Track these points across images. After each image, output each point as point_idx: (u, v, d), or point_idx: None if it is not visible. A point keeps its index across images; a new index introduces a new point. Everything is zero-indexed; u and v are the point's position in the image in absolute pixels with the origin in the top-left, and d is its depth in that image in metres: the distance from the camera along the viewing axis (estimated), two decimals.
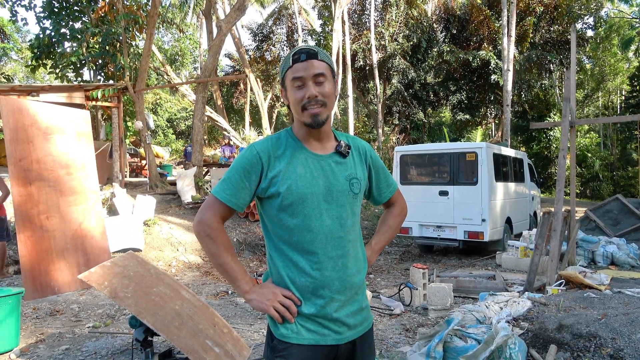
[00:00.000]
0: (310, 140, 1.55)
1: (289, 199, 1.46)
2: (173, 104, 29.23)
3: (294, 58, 1.48)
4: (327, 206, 1.50)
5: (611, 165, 27.35)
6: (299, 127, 1.56)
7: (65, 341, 4.21)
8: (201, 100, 11.71)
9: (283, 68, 1.53)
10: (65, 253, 6.13)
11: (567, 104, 5.81)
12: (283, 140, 1.55)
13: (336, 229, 1.50)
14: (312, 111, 1.47)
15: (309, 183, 1.48)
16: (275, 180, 1.47)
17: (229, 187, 1.49)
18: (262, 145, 1.51)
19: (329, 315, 1.48)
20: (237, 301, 5.77)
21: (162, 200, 10.72)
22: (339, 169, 1.55)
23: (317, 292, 1.47)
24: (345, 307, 1.51)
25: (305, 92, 1.47)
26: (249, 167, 1.48)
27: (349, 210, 1.54)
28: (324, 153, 1.55)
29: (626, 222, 9.76)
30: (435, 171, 8.78)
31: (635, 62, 31.17)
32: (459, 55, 19.74)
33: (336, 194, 1.51)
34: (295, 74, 1.48)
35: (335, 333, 1.49)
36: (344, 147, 1.57)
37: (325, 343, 1.47)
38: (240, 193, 1.49)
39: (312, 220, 1.47)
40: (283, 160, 1.49)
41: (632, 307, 3.70)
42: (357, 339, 1.55)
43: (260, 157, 1.48)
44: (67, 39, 13.74)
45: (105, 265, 3.57)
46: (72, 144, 6.57)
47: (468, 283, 5.91)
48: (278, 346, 1.47)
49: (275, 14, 26.43)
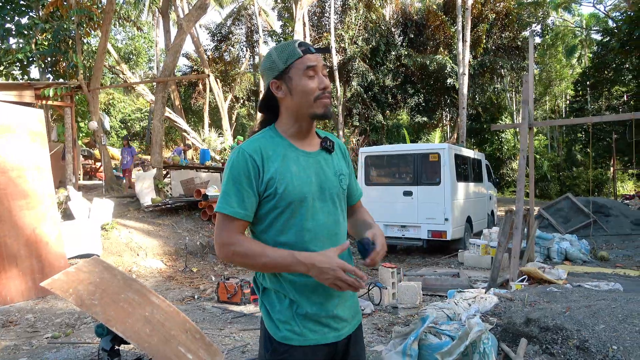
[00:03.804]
0: (298, 138, 1.51)
1: (287, 199, 1.42)
2: (127, 105, 28.26)
3: (303, 49, 1.45)
4: (321, 204, 1.47)
5: (558, 166, 28.81)
6: (291, 123, 1.50)
7: (23, 353, 3.96)
8: (161, 101, 11.38)
9: (287, 58, 1.45)
10: (17, 260, 5.77)
11: (525, 107, 6.05)
12: (270, 140, 1.49)
13: (331, 226, 1.49)
14: (325, 101, 1.46)
15: (304, 182, 1.45)
16: (272, 182, 1.42)
17: (234, 200, 1.41)
18: (252, 147, 1.45)
19: (330, 313, 1.46)
20: (205, 306, 5.63)
21: (119, 203, 10.31)
22: (328, 166, 1.53)
23: (318, 291, 1.44)
24: (343, 302, 1.50)
25: (318, 82, 1.45)
26: (246, 172, 1.41)
27: (340, 207, 1.53)
28: (312, 150, 1.52)
29: (576, 220, 10.31)
30: (399, 172, 8.93)
31: (578, 68, 33.04)
32: (417, 59, 20.21)
33: (328, 191, 1.50)
34: (309, 63, 1.44)
35: (334, 330, 1.47)
36: (329, 143, 1.55)
37: (326, 342, 1.45)
38: (246, 202, 1.42)
39: (309, 219, 1.44)
40: (276, 160, 1.44)
41: (592, 300, 3.89)
42: (352, 333, 1.54)
43: (255, 160, 1.42)
44: (12, 34, 12.99)
45: (70, 272, 3.38)
46: (24, 144, 6.21)
47: (434, 281, 6.03)
48: (279, 349, 1.43)
49: (234, 14, 26.08)
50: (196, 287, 6.88)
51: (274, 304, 1.47)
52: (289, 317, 1.44)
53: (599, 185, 26.07)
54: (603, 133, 22.11)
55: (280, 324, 1.44)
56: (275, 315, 1.46)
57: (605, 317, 3.39)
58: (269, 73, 1.49)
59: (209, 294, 6.24)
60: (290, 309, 1.45)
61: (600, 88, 24.11)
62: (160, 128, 11.47)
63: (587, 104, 25.32)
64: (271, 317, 1.47)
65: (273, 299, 1.48)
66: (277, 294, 1.47)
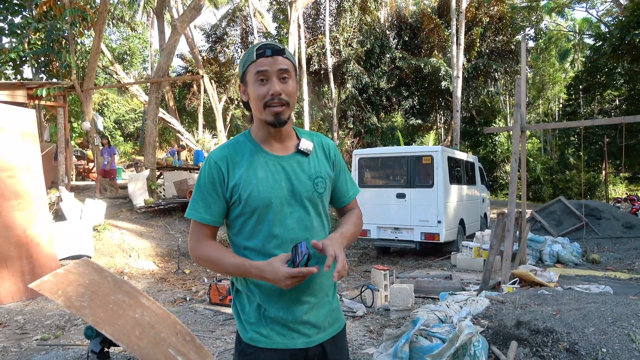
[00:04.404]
0: (270, 142, 1.48)
1: (252, 205, 1.40)
2: (121, 105, 28.13)
3: (258, 52, 1.40)
4: (290, 209, 1.43)
5: (551, 169, 28.99)
6: (258, 128, 1.48)
7: (12, 356, 3.92)
8: (154, 101, 11.34)
9: (245, 63, 1.44)
10: (7, 261, 5.72)
11: (518, 110, 6.08)
12: (240, 145, 1.47)
13: (301, 232, 1.44)
14: (275, 109, 1.39)
15: (271, 187, 1.41)
16: (237, 189, 1.42)
17: (200, 206, 1.45)
18: (219, 154, 1.45)
19: (299, 318, 1.44)
20: (197, 308, 5.61)
21: (112, 204, 10.26)
22: (302, 169, 1.47)
23: (285, 296, 1.42)
24: (315, 309, 1.47)
25: (268, 88, 1.39)
26: (211, 179, 1.43)
27: (314, 212, 1.48)
28: (285, 154, 1.48)
29: (568, 223, 10.37)
30: (392, 174, 8.95)
31: (571, 72, 33.30)
32: (411, 61, 20.29)
33: (300, 195, 1.45)
34: (259, 68, 1.39)
35: (304, 336, 1.45)
36: (305, 145, 1.50)
37: (294, 347, 1.43)
38: (213, 208, 1.44)
39: (277, 225, 1.41)
40: (242, 165, 1.43)
41: (582, 303, 3.91)
42: (329, 340, 1.51)
43: (220, 167, 1.43)
44: (5, 34, 12.92)
45: (59, 273, 3.35)
46: (15, 144, 6.16)
47: (427, 283, 6.04)
48: (246, 350, 1.44)
49: (229, 15, 26.06)
50: (188, 288, 6.85)
51: (244, 305, 1.47)
52: (257, 320, 1.44)
53: (591, 189, 26.25)
54: (595, 137, 22.27)
55: (248, 325, 1.44)
56: (244, 317, 1.46)
57: (595, 320, 3.41)
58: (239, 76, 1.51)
59: (201, 296, 6.21)
60: (258, 311, 1.44)
61: (592, 92, 24.30)
62: (154, 129, 11.43)
63: (580, 108, 25.50)
64: (241, 318, 1.47)
65: (244, 301, 1.48)
66: (247, 296, 1.48)
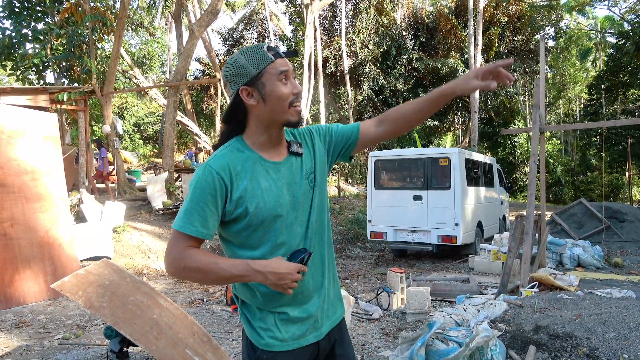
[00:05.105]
0: (267, 148, 1.44)
1: (259, 217, 1.36)
2: (140, 108, 28.57)
3: (272, 54, 1.37)
4: (295, 214, 1.43)
5: (572, 171, 28.44)
6: (259, 133, 1.43)
7: (34, 354, 4.02)
8: (172, 105, 11.49)
9: (259, 63, 1.36)
10: (31, 262, 5.87)
11: (536, 111, 6.00)
12: (238, 154, 1.40)
13: (307, 232, 1.46)
14: (299, 108, 1.41)
15: (276, 196, 1.39)
16: (242, 201, 1.35)
17: (196, 218, 1.32)
18: (219, 164, 1.36)
19: (312, 314, 1.47)
20: (213, 309, 5.66)
21: (131, 206, 10.42)
22: (298, 172, 1.47)
23: (297, 297, 1.44)
24: (323, 299, 1.51)
25: (290, 88, 1.39)
26: (212, 190, 1.33)
27: (315, 209, 1.48)
28: (280, 159, 1.46)
29: (589, 225, 10.16)
30: (409, 176, 8.90)
31: (592, 71, 32.65)
32: (428, 62, 20.16)
33: (301, 198, 1.45)
34: (281, 68, 1.37)
35: (315, 330, 1.48)
36: (296, 147, 1.49)
37: (307, 343, 1.46)
38: (209, 222, 1.34)
39: (284, 233, 1.41)
40: (245, 176, 1.37)
41: (603, 307, 3.82)
42: (334, 329, 1.54)
43: (222, 178, 1.34)
44: (29, 40, 13.25)
45: (79, 274, 3.42)
46: (38, 148, 6.31)
47: (444, 287, 5.99)
48: (262, 356, 1.43)
49: (245, 18, 26.30)
50: (205, 290, 6.92)
51: (255, 312, 1.46)
52: (271, 324, 1.43)
53: (614, 191, 25.68)
54: (618, 137, 21.78)
55: (262, 331, 1.43)
56: (257, 323, 1.45)
57: (616, 325, 3.34)
58: (237, 79, 1.38)
59: (218, 297, 6.27)
60: (269, 317, 1.44)
61: (615, 91, 23.76)
62: (172, 132, 11.59)
63: (602, 108, 24.96)
64: (252, 325, 1.46)
65: (253, 308, 1.47)
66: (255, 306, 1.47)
